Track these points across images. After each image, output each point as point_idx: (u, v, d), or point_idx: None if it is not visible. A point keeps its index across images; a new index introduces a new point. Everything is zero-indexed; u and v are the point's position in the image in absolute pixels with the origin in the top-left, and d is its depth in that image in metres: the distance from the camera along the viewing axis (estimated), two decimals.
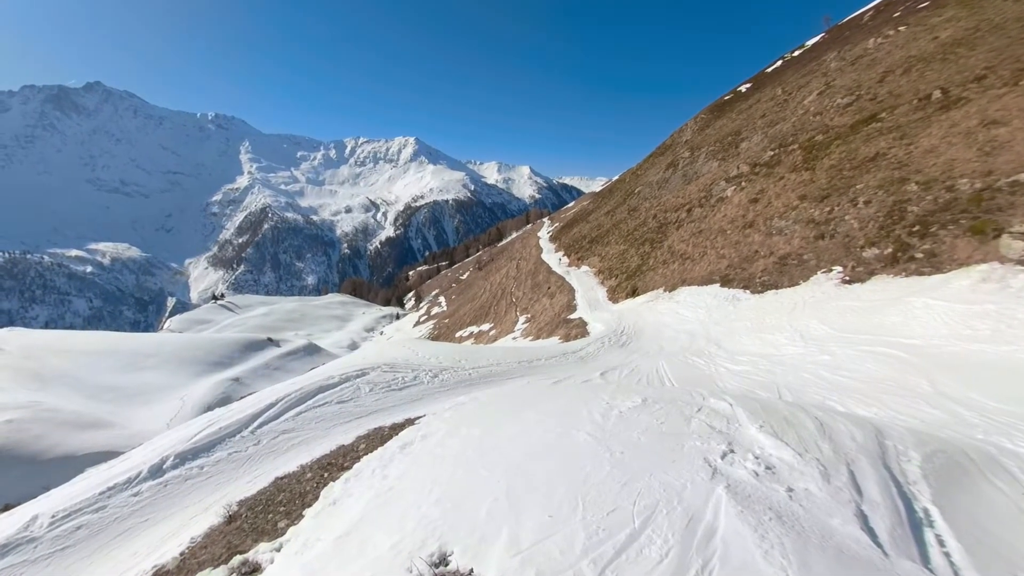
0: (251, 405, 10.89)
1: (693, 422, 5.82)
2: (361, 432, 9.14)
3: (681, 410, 6.17)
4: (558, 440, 5.79)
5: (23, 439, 23.13)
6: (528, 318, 37.38)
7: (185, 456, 9.03)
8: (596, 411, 6.46)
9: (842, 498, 4.21)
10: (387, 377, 12.65)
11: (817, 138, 26.00)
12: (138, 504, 7.97)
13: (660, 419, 6.00)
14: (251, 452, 9.22)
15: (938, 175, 16.88)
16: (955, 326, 10.48)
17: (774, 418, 5.75)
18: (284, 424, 10.16)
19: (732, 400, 6.37)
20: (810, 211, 20.66)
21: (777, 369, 11.23)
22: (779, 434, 5.34)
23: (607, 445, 5.46)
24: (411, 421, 8.78)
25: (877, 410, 8.08)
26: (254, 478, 8.27)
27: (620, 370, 13.36)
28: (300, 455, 8.79)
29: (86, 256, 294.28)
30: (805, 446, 5.10)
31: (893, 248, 15.25)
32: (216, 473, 8.68)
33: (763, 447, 5.10)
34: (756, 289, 18.98)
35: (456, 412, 8.13)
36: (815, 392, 9.24)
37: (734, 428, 5.62)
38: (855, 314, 13.12)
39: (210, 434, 9.63)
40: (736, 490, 4.31)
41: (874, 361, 10.29)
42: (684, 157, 43.42)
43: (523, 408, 7.33)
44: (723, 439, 5.34)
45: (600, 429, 5.91)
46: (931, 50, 27.21)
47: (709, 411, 6.14)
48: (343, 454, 7.85)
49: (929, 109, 21.52)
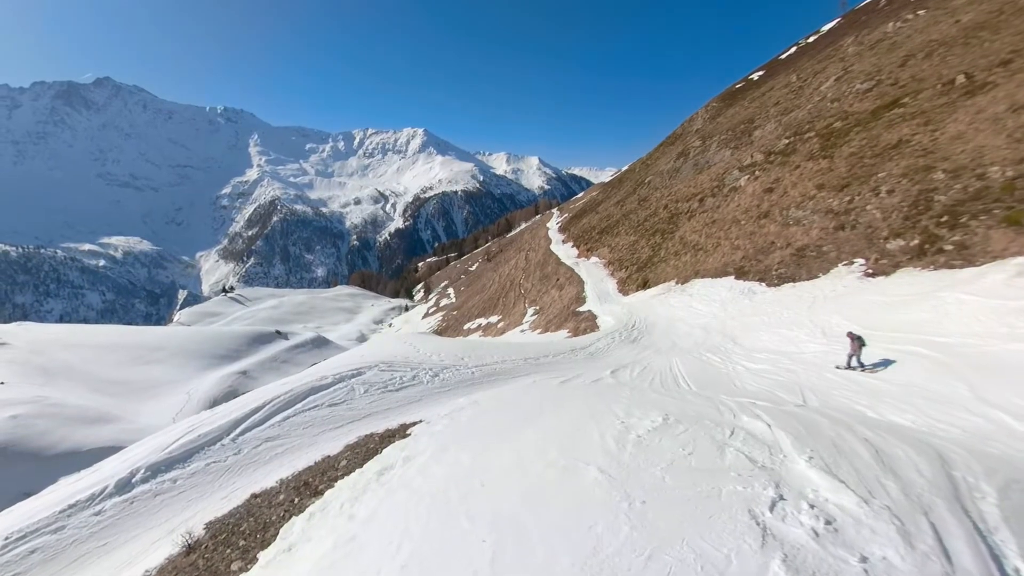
0: (236, 409, 10.28)
1: (728, 453, 4.83)
2: (351, 439, 8.55)
3: (711, 434, 5.23)
4: (562, 479, 4.87)
5: (28, 434, 22.98)
6: (537, 310, 36.85)
7: (158, 468, 8.42)
8: (609, 434, 5.47)
9: (932, 571, 3.28)
10: (384, 377, 12.05)
11: (835, 125, 25.10)
12: (99, 525, 7.35)
13: (687, 447, 5.03)
14: (230, 463, 8.60)
15: (967, 163, 16.07)
16: (991, 323, 9.80)
17: (821, 444, 4.87)
18: (269, 430, 9.53)
19: (769, 419, 5.51)
20: (829, 201, 19.88)
21: (798, 368, 10.62)
22: (832, 468, 4.40)
23: (624, 489, 4.41)
24: (405, 428, 8.20)
25: (913, 417, 7.47)
26: (229, 493, 7.70)
27: (631, 368, 12.79)
28: (282, 467, 8.22)
29: (99, 250, 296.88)
30: (868, 486, 4.18)
31: (920, 240, 14.51)
32: (189, 487, 8.08)
33: (817, 489, 4.13)
34: (773, 282, 18.30)
35: (450, 424, 7.47)
36: (842, 396, 8.63)
37: (778, 461, 4.65)
38: (880, 309, 12.45)
39: (188, 442, 9.02)
40: (796, 564, 3.35)
41: (904, 361, 9.65)
42: (695, 146, 42.48)
43: (524, 424, 6.50)
44: (768, 479, 4.34)
45: (615, 462, 4.93)
46: (953, 34, 26.19)
47: (745, 435, 5.17)
48: (323, 471, 7.26)
49: (953, 94, 20.62)
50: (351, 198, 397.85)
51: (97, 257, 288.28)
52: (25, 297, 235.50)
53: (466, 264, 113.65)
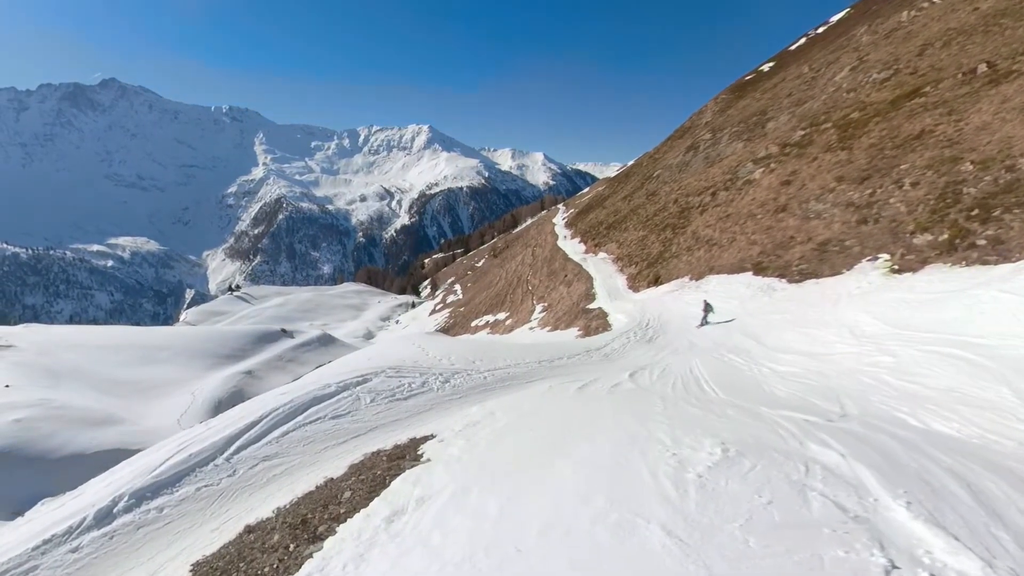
0: (231, 423, 9.57)
1: (812, 500, 3.97)
2: (356, 458, 7.87)
3: (784, 471, 4.38)
4: (618, 542, 3.84)
5: (32, 438, 22.67)
6: (545, 307, 36.33)
7: (143, 494, 7.66)
8: (662, 472, 4.53)
9: None
10: (392, 384, 11.40)
11: (852, 115, 24.40)
12: (75, 564, 6.59)
13: (763, 493, 4.08)
14: (224, 486, 7.88)
15: (995, 154, 15.42)
16: None
17: (910, 481, 4.11)
18: (266, 448, 8.80)
19: (839, 446, 4.79)
20: (849, 193, 19.23)
21: (830, 371, 10.04)
22: (937, 517, 3.61)
23: (702, 558, 3.41)
24: (416, 444, 7.62)
25: (958, 426, 6.91)
26: (221, 524, 6.97)
27: (650, 370, 12.26)
28: (280, 490, 7.55)
29: (107, 251, 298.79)
30: (983, 542, 3.37)
31: (950, 234, 13.88)
32: (177, 517, 7.32)
33: (931, 550, 3.26)
34: (794, 278, 17.69)
35: (467, 447, 6.76)
36: (880, 402, 8.07)
37: (870, 507, 3.81)
38: (911, 308, 11.83)
39: (178, 463, 8.30)
40: None
41: (941, 364, 9.05)
42: (705, 139, 41.75)
43: (553, 452, 5.62)
44: (869, 536, 3.45)
45: (680, 517, 4.01)
46: (972, 22, 25.44)
47: (822, 472, 4.34)
48: (324, 502, 6.48)
49: (976, 83, 19.94)
50: (357, 195, 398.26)
51: (105, 258, 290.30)
52: (35, 298, 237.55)
53: (472, 260, 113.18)
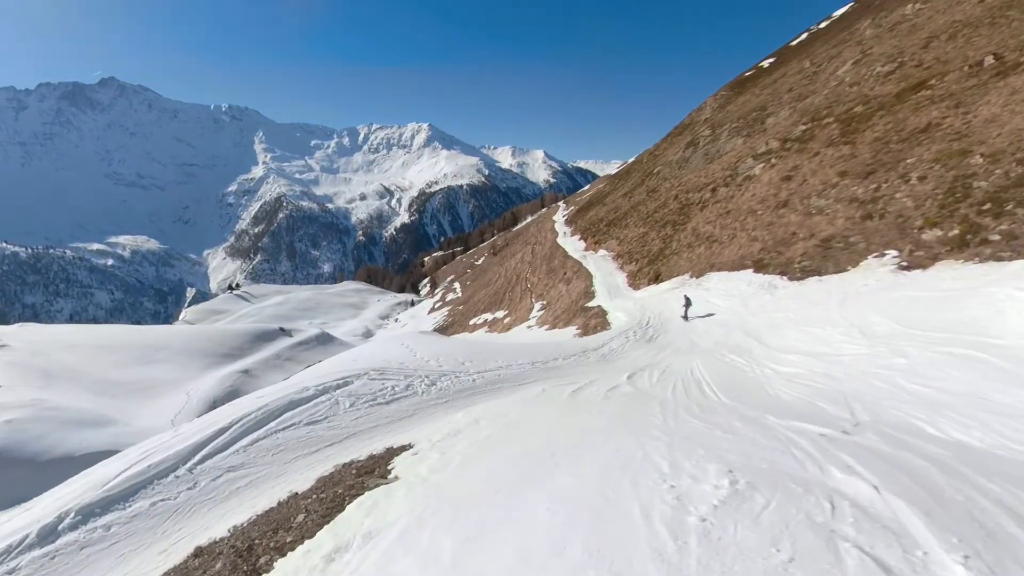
0: (199, 430, 9.02)
1: (844, 553, 2.92)
2: (325, 470, 7.34)
3: (804, 509, 3.37)
4: None
5: (23, 439, 22.29)
6: (543, 305, 35.92)
7: (91, 510, 7.03)
8: (656, 513, 3.47)
9: None
10: (374, 387, 10.89)
11: (856, 109, 23.91)
12: None
13: (780, 542, 3.11)
14: (181, 500, 7.32)
15: (1005, 147, 14.95)
16: None
17: (962, 524, 3.13)
18: (233, 458, 8.25)
19: (869, 475, 3.89)
20: (853, 189, 18.76)
21: (838, 373, 9.58)
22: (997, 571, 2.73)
23: None
24: (391, 454, 7.15)
25: (981, 435, 6.44)
26: (172, 545, 6.41)
27: (649, 372, 11.80)
28: (241, 505, 6.99)
29: (107, 249, 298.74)
30: None
31: (960, 229, 13.41)
32: (125, 536, 6.70)
33: None
34: (796, 275, 17.23)
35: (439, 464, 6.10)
36: (894, 407, 7.61)
37: (919, 564, 2.82)
38: (921, 306, 11.37)
39: (135, 474, 7.71)
40: None
41: (958, 366, 8.58)
42: (705, 135, 41.27)
43: (528, 480, 4.77)
44: None
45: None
46: (977, 14, 24.97)
47: (852, 511, 3.30)
48: (275, 526, 5.85)
49: (983, 76, 19.49)
50: (357, 193, 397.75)
51: (105, 256, 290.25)
52: (35, 297, 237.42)
53: (472, 258, 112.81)
